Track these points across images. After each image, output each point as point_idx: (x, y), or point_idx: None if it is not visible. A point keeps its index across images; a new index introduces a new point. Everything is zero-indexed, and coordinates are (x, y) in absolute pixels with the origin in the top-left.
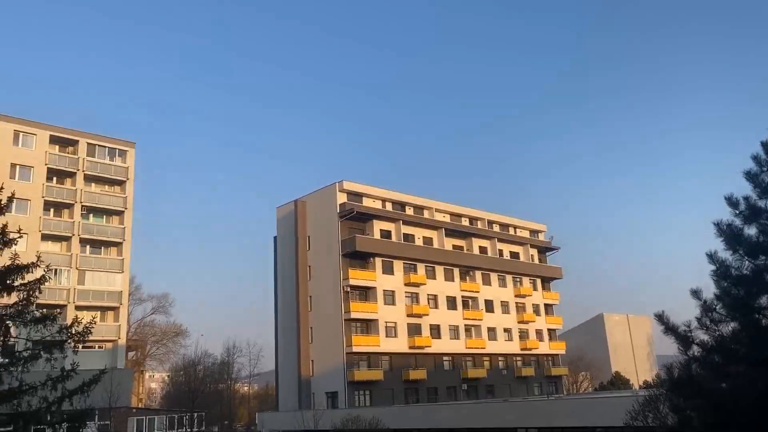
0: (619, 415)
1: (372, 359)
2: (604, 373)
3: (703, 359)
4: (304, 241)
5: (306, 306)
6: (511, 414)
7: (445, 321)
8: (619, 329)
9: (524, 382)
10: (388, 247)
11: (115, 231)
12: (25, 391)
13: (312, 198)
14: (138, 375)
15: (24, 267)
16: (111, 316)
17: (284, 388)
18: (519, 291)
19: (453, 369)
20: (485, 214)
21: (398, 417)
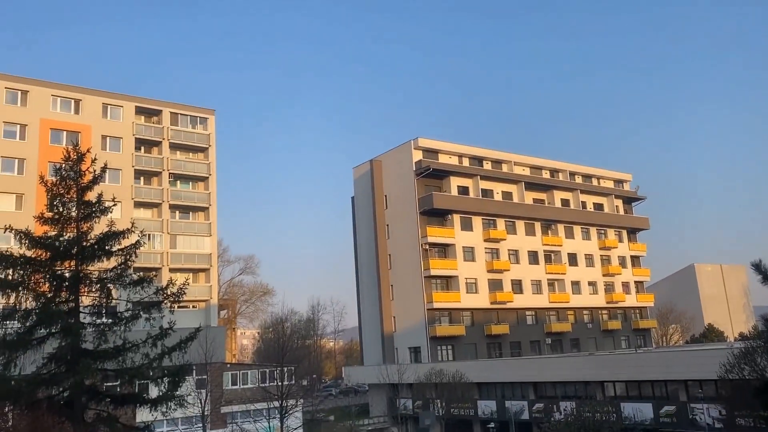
0: (713, 368)
1: (453, 315)
2: (695, 326)
3: None
4: (381, 201)
5: (386, 264)
6: (598, 367)
7: (527, 276)
8: (711, 280)
9: (611, 335)
10: (465, 203)
11: (201, 196)
12: (129, 349)
13: (388, 157)
14: (230, 332)
15: (120, 233)
16: (202, 278)
17: (368, 343)
18: (604, 243)
19: (536, 323)
20: (567, 166)
21: (481, 371)
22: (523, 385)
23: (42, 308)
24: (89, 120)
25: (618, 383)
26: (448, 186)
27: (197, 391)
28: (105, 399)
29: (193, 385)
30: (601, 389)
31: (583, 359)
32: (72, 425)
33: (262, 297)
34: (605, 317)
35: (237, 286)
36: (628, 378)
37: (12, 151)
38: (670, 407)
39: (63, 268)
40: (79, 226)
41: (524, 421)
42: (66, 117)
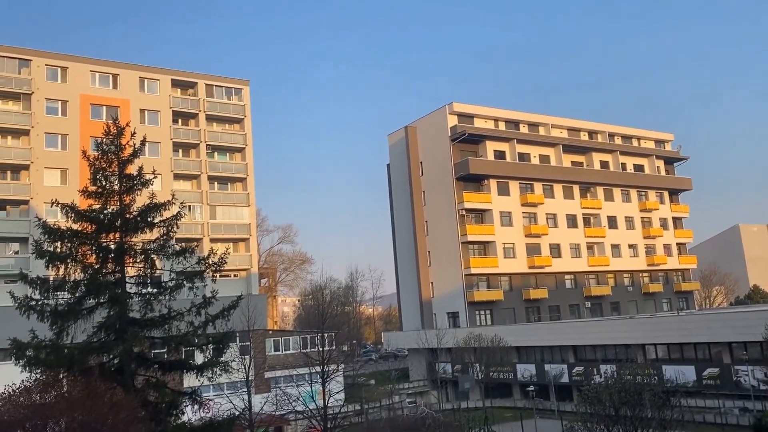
0: (758, 329)
1: (491, 280)
2: (740, 288)
3: None
4: (416, 167)
5: (422, 231)
6: (639, 331)
7: (566, 240)
8: (757, 241)
9: (652, 298)
10: (502, 167)
11: (239, 167)
12: (174, 317)
13: (422, 123)
14: (271, 300)
15: (161, 205)
16: (242, 247)
17: (407, 309)
18: (644, 205)
19: (575, 287)
20: (606, 127)
21: (520, 335)
22: (562, 349)
23: (90, 279)
24: (127, 94)
25: (659, 346)
26: (484, 151)
27: (241, 357)
28: (153, 365)
29: (236, 352)
30: (642, 352)
31: (623, 322)
32: (123, 390)
33: (301, 265)
34: (646, 280)
35: (276, 255)
36: (670, 341)
37: (55, 126)
38: (714, 369)
39: (108, 240)
40: (121, 199)
41: (564, 384)
42: (105, 92)
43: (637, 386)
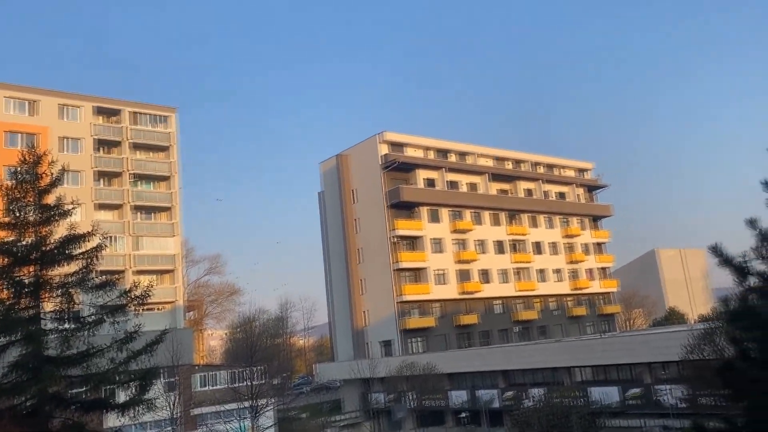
0: (675, 349)
1: (424, 307)
2: (658, 309)
3: (761, 289)
4: (349, 195)
5: (356, 258)
6: (565, 354)
7: (494, 265)
8: (672, 264)
9: (577, 321)
10: (433, 195)
11: (164, 196)
12: (94, 354)
13: (354, 151)
14: (198, 334)
15: (81, 236)
16: (168, 279)
17: (339, 339)
18: (567, 231)
19: (504, 312)
20: (529, 156)
21: (452, 361)
22: (493, 374)
23: (2, 316)
24: (46, 121)
25: (585, 368)
26: (415, 178)
27: (166, 394)
28: (71, 406)
29: (161, 388)
30: (569, 375)
31: (550, 346)
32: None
33: (229, 297)
34: (571, 304)
35: (204, 287)
36: (595, 363)
37: None
38: (636, 390)
39: (23, 275)
40: (38, 231)
41: (495, 409)
42: (22, 119)
43: (565, 408)
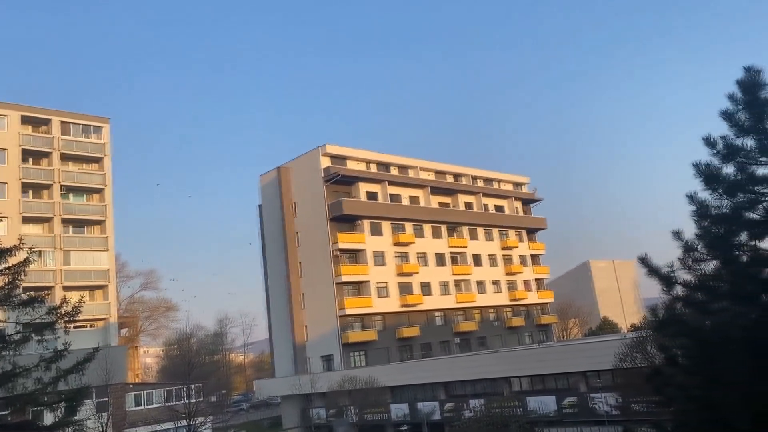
0: (608, 358)
1: (365, 320)
2: (592, 319)
3: (687, 298)
4: (290, 208)
5: (296, 273)
6: (504, 364)
7: (435, 278)
8: (605, 275)
9: (515, 332)
10: (374, 208)
11: (96, 209)
12: (19, 374)
13: (295, 164)
14: (132, 351)
15: (7, 251)
16: (100, 295)
17: (279, 354)
18: (505, 243)
19: (445, 324)
20: (469, 170)
21: (393, 374)
22: (434, 386)
23: None
24: None
25: (523, 378)
26: (357, 192)
27: (98, 414)
28: None
29: (93, 409)
30: (507, 385)
31: (489, 357)
32: None
33: (165, 313)
34: (509, 315)
35: (138, 303)
36: (532, 372)
37: None
38: (572, 398)
39: None
40: None
41: (436, 421)
42: None
43: (504, 418)
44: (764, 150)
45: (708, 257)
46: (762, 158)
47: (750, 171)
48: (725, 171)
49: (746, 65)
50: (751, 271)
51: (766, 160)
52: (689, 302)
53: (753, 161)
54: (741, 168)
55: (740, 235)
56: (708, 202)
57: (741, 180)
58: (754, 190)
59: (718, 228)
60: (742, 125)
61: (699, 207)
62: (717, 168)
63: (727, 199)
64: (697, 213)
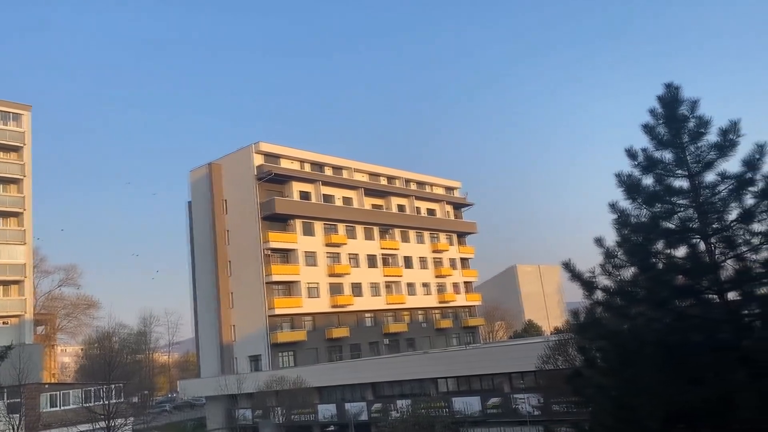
0: (532, 360)
1: (295, 321)
2: (517, 322)
3: (606, 303)
4: (220, 205)
5: (225, 271)
6: (431, 365)
7: (366, 279)
8: (530, 279)
9: (443, 333)
10: (307, 208)
11: (14, 200)
12: None
13: (227, 160)
14: (49, 350)
15: None
16: (15, 290)
17: (205, 354)
18: (436, 246)
19: (375, 325)
20: (402, 173)
21: (322, 375)
22: (362, 387)
23: None
24: None
25: (450, 379)
26: (290, 191)
27: (9, 415)
28: None
29: (3, 410)
30: (434, 386)
31: (417, 358)
32: None
33: (85, 310)
34: (438, 316)
35: (57, 299)
36: (459, 374)
37: None
38: (496, 399)
39: None
40: None
41: (363, 422)
42: None
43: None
44: (681, 163)
45: (627, 264)
46: (678, 171)
47: (667, 183)
48: (645, 182)
49: (667, 82)
50: (666, 278)
51: (682, 173)
52: (609, 307)
53: (670, 173)
54: (659, 179)
55: (657, 244)
56: (628, 211)
57: (659, 191)
58: (671, 200)
59: (637, 236)
60: (661, 139)
61: (620, 215)
62: (637, 179)
63: (646, 209)
64: (618, 221)
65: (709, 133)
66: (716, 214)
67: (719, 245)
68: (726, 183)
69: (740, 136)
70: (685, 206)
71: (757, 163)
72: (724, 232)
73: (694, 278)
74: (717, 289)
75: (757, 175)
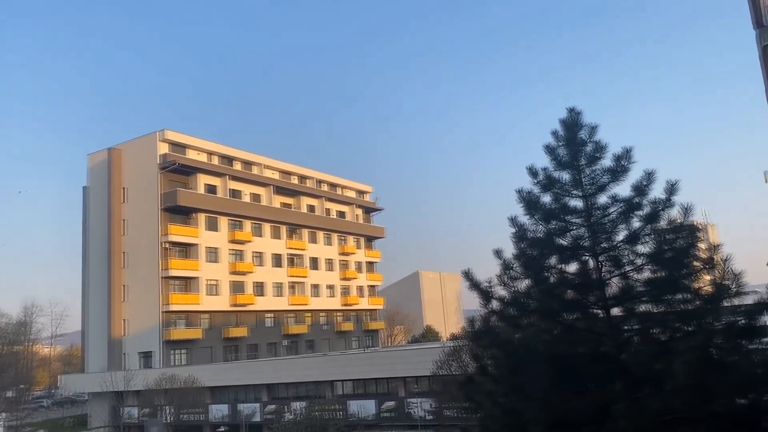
0: (428, 365)
1: (191, 318)
2: (417, 327)
3: (501, 312)
4: (118, 193)
5: (119, 263)
6: (329, 368)
7: (270, 278)
8: (432, 285)
9: (344, 336)
10: (212, 202)
11: None
12: None
13: (129, 146)
14: None
15: None
16: None
17: (93, 349)
18: (344, 249)
19: (275, 325)
20: (315, 173)
21: (216, 374)
22: (257, 388)
23: None
24: None
25: (347, 382)
26: (195, 183)
27: None
28: None
29: None
30: (331, 388)
31: (315, 360)
32: None
33: None
34: (340, 319)
35: None
36: (357, 377)
37: None
38: (391, 403)
39: None
40: None
41: (256, 423)
42: None
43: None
44: (577, 184)
45: (522, 276)
46: (574, 191)
47: (563, 202)
48: (543, 199)
49: (570, 106)
50: (557, 291)
51: (577, 193)
52: (503, 316)
53: (567, 193)
54: (556, 198)
55: (551, 259)
56: (527, 226)
57: (555, 209)
58: (566, 219)
59: (532, 250)
60: (560, 160)
61: (518, 230)
62: (537, 196)
63: (543, 225)
64: (517, 235)
65: (605, 157)
66: (605, 234)
67: (606, 264)
68: (616, 206)
69: (632, 163)
70: (578, 225)
71: (645, 189)
72: (612, 251)
73: (583, 293)
74: (602, 304)
75: (644, 200)
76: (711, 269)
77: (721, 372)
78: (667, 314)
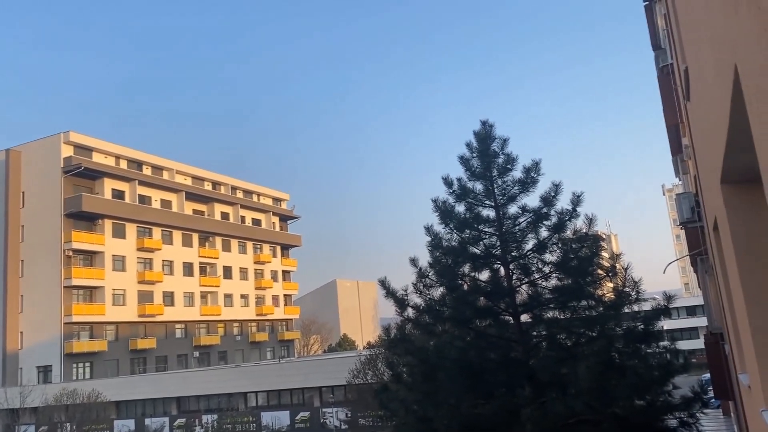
0: (344, 374)
1: (95, 329)
2: (333, 336)
3: (416, 320)
4: (16, 197)
5: (16, 271)
6: (242, 379)
7: (180, 288)
8: (349, 294)
9: (258, 347)
10: (120, 208)
11: None
12: None
13: (29, 148)
14: None
15: None
16: None
17: None
18: (259, 258)
19: (185, 337)
20: (229, 180)
21: (122, 388)
22: (166, 401)
23: None
24: None
25: (261, 393)
26: (101, 188)
27: None
28: None
29: None
30: (244, 400)
31: (227, 371)
32: None
33: None
34: (254, 329)
35: None
36: (270, 388)
37: None
38: (305, 413)
39: None
40: None
41: None
42: None
43: None
44: (489, 194)
45: (437, 284)
46: (487, 201)
47: (476, 211)
48: (458, 209)
49: (483, 119)
50: (470, 298)
51: (490, 203)
52: (417, 323)
53: (480, 203)
54: (470, 208)
55: (464, 267)
56: (441, 234)
57: (469, 218)
58: (478, 228)
59: (447, 258)
60: (474, 171)
61: (434, 238)
62: (451, 205)
63: (457, 234)
64: (432, 243)
65: (515, 169)
66: (516, 243)
67: (516, 271)
68: (525, 216)
69: (540, 175)
70: (490, 234)
71: (553, 200)
72: (521, 260)
73: (494, 300)
74: (512, 311)
75: (551, 211)
76: (613, 277)
77: (621, 375)
78: (573, 320)
